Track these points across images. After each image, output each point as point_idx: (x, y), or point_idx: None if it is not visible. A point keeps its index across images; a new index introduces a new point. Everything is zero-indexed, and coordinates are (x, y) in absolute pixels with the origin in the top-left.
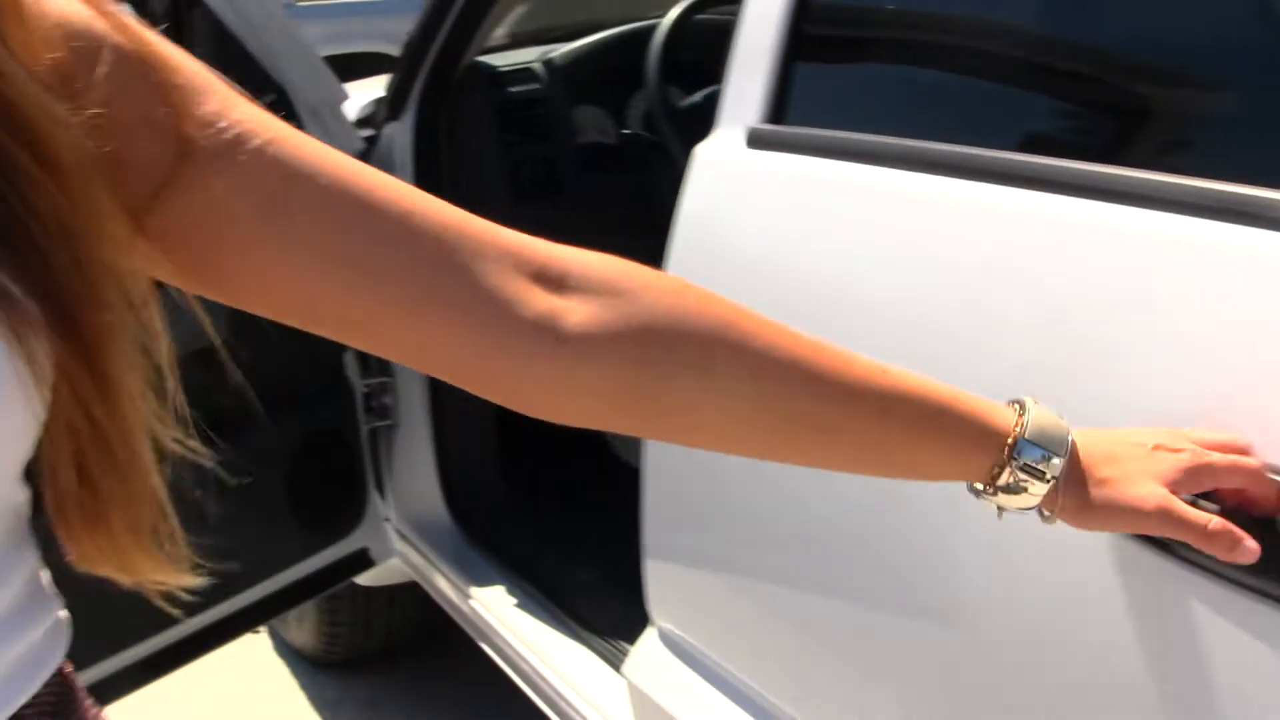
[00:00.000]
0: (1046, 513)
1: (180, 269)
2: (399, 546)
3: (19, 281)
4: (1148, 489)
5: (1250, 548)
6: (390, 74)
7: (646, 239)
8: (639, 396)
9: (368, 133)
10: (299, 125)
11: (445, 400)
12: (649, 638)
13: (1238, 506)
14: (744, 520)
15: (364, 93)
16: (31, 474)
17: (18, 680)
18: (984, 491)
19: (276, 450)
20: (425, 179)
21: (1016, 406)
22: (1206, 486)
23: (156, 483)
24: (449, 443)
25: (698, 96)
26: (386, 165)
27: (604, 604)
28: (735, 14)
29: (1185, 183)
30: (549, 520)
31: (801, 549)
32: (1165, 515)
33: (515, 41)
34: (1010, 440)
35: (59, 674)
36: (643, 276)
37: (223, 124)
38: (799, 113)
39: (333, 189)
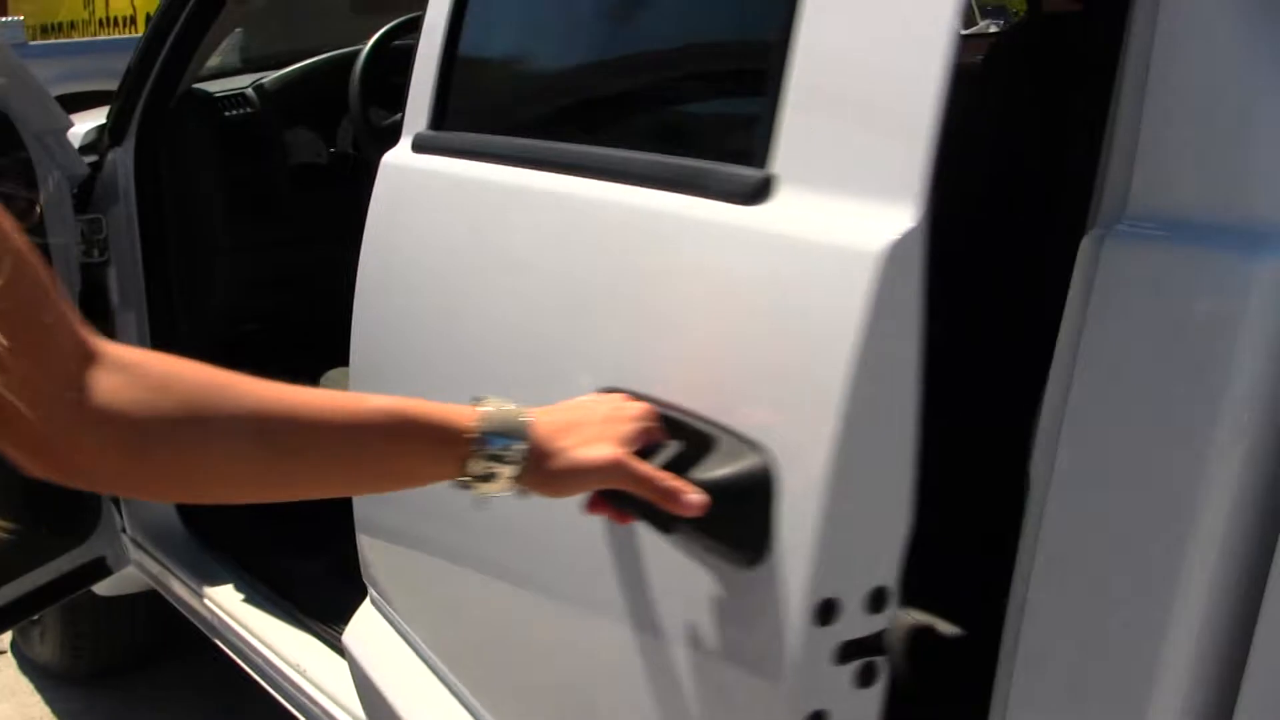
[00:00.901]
0: (521, 490)
1: None
2: (135, 555)
3: None
4: (603, 450)
5: (696, 500)
6: (111, 103)
7: (355, 248)
8: (150, 446)
9: (92, 159)
10: (25, 153)
11: None
12: (365, 605)
13: None
14: (426, 495)
15: (89, 122)
16: None
17: None
18: (467, 484)
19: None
20: (147, 201)
21: (475, 405)
22: (647, 442)
23: None
24: None
25: (399, 115)
26: (111, 189)
27: (330, 591)
28: None
29: None
30: (277, 518)
31: (470, 526)
32: (622, 470)
33: (229, 69)
34: (471, 436)
35: None
36: (144, 354)
37: None
38: (450, 121)
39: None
